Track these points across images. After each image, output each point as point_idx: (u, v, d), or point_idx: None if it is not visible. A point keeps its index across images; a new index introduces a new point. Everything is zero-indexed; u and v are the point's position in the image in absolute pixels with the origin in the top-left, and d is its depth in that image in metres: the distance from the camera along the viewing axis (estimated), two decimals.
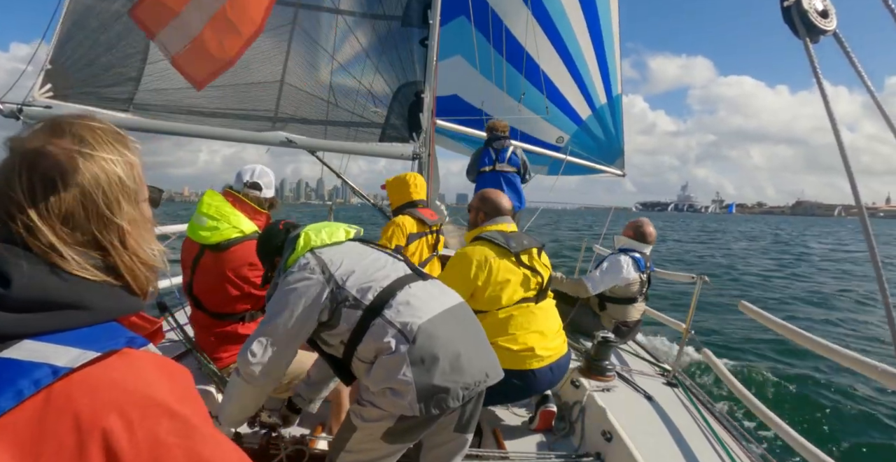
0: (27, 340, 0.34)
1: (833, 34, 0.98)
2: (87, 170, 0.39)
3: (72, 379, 0.33)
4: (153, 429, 0.33)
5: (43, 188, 0.37)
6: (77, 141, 0.39)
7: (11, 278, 0.35)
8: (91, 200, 0.39)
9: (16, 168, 0.37)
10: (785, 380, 3.70)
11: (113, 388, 0.34)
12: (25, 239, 0.37)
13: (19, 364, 0.33)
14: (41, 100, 2.13)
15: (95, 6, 2.19)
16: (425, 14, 2.53)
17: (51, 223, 0.37)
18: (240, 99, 2.41)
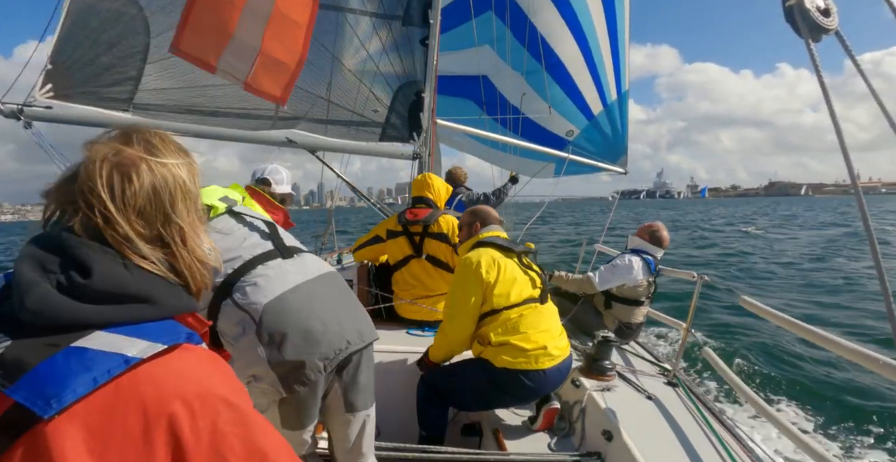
0: (99, 331, 0.37)
1: (835, 32, 0.97)
2: (157, 171, 0.43)
3: (140, 369, 0.36)
4: (213, 418, 0.36)
5: (120, 184, 0.41)
6: (147, 148, 0.44)
7: (93, 270, 0.38)
8: (158, 198, 0.43)
9: (96, 166, 0.41)
10: (786, 379, 3.69)
11: (177, 378, 0.37)
12: (103, 229, 0.40)
13: (94, 353, 0.36)
14: (42, 100, 2.13)
15: (95, 5, 2.18)
16: (426, 14, 2.53)
17: (126, 215, 0.41)
18: (240, 98, 2.41)
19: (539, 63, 3.87)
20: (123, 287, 0.39)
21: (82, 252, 0.39)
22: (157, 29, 2.27)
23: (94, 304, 0.38)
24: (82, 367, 0.35)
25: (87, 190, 0.41)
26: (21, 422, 0.33)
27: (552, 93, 3.97)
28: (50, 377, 0.34)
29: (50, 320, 0.36)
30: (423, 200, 2.08)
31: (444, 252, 2.05)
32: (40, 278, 0.37)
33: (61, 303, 0.37)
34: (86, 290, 0.37)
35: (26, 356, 0.35)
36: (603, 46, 4.05)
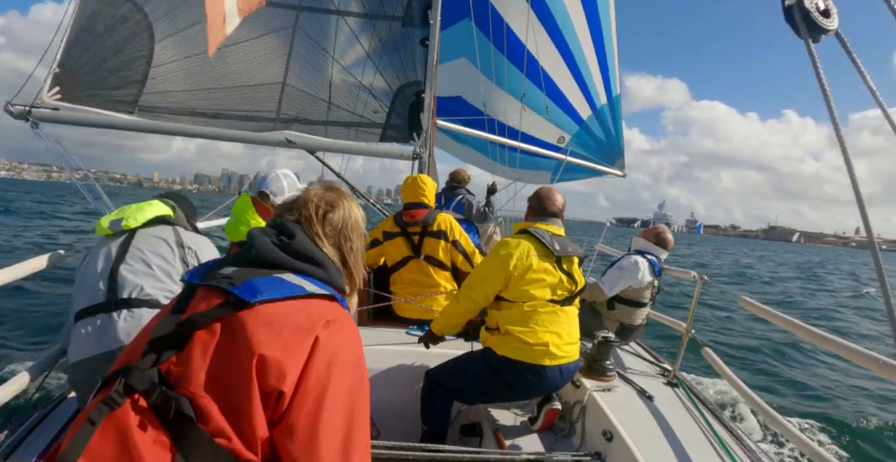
0: (290, 273, 0.62)
1: (835, 33, 0.97)
2: (346, 207, 0.72)
3: (310, 299, 0.60)
4: (337, 344, 0.58)
5: (324, 209, 0.70)
6: (340, 194, 0.73)
7: (296, 236, 0.65)
8: (344, 224, 0.71)
9: (312, 199, 0.71)
10: (786, 379, 3.67)
11: (327, 312, 0.60)
12: (304, 226, 0.68)
13: (286, 282, 0.60)
14: (49, 102, 2.17)
15: (102, 11, 2.22)
16: (426, 14, 2.54)
17: (321, 221, 0.69)
18: (242, 100, 2.44)
19: (524, 74, 3.84)
20: (310, 252, 0.64)
21: (291, 227, 0.66)
22: (161, 34, 2.30)
23: (291, 256, 0.63)
24: (277, 286, 0.58)
25: (304, 206, 0.70)
26: (235, 305, 0.57)
27: (541, 101, 3.95)
28: (258, 286, 0.58)
29: (264, 259, 0.62)
30: (419, 204, 2.08)
31: (442, 250, 2.06)
32: (262, 236, 0.65)
33: (273, 250, 0.63)
34: (288, 247, 0.63)
35: (246, 274, 0.60)
36: (587, 52, 4.03)
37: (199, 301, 0.58)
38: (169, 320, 0.57)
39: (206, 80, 2.37)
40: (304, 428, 0.52)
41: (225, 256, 0.67)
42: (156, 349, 0.54)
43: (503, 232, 3.78)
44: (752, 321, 5.33)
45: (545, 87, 3.96)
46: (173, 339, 0.54)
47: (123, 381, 0.51)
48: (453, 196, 3.24)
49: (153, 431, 0.49)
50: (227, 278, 0.59)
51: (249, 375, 0.51)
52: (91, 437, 0.48)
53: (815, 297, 10.00)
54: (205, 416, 0.50)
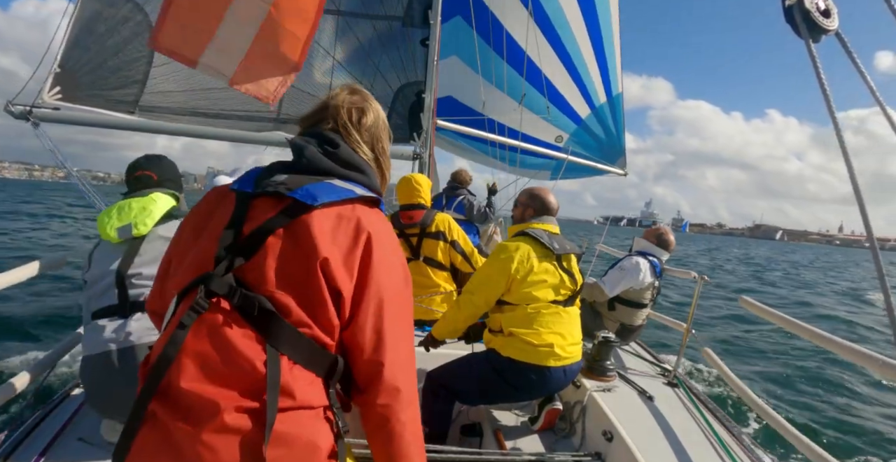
0: (337, 179, 0.65)
1: (835, 33, 0.97)
2: (374, 109, 0.74)
3: (357, 202, 0.64)
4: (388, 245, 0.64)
5: (357, 112, 0.72)
6: (364, 96, 0.75)
7: (339, 146, 0.68)
8: (374, 125, 0.73)
9: (343, 105, 0.72)
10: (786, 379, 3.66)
11: (375, 216, 0.65)
12: (343, 134, 0.70)
13: (336, 186, 0.64)
14: (50, 102, 2.17)
15: (103, 11, 2.23)
16: (426, 14, 2.54)
17: (357, 127, 0.71)
18: (242, 100, 2.44)
19: (519, 73, 3.82)
20: (353, 159, 0.68)
21: (333, 136, 0.68)
22: None
23: (337, 164, 0.66)
24: (331, 190, 0.63)
25: (337, 114, 0.71)
26: (296, 210, 0.60)
27: (535, 100, 3.92)
28: (314, 190, 0.62)
29: (314, 167, 0.65)
30: (416, 205, 2.07)
31: (441, 251, 2.05)
32: (309, 145, 0.66)
33: (322, 158, 0.66)
34: (333, 156, 0.67)
35: (300, 180, 0.63)
36: (584, 50, 4.00)
37: (261, 209, 0.61)
38: (234, 227, 0.60)
39: (206, 80, 2.37)
40: (372, 332, 0.60)
41: (269, 165, 0.67)
42: (228, 257, 0.58)
43: (503, 232, 3.78)
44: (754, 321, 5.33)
45: (541, 87, 3.95)
46: (244, 246, 0.58)
47: (205, 287, 0.56)
48: (454, 196, 3.24)
49: (241, 327, 0.55)
50: (283, 184, 0.62)
51: (317, 276, 0.57)
52: (185, 338, 0.54)
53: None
54: (285, 311, 0.57)
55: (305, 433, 0.54)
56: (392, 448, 0.59)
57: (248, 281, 0.57)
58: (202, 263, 0.59)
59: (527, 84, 3.89)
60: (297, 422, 0.54)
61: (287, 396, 0.53)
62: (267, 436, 0.50)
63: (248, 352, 0.53)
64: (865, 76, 0.94)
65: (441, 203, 3.17)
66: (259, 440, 0.50)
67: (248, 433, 0.51)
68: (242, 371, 0.52)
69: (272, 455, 0.51)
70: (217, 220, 0.62)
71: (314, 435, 0.55)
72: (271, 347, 0.54)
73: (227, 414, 0.50)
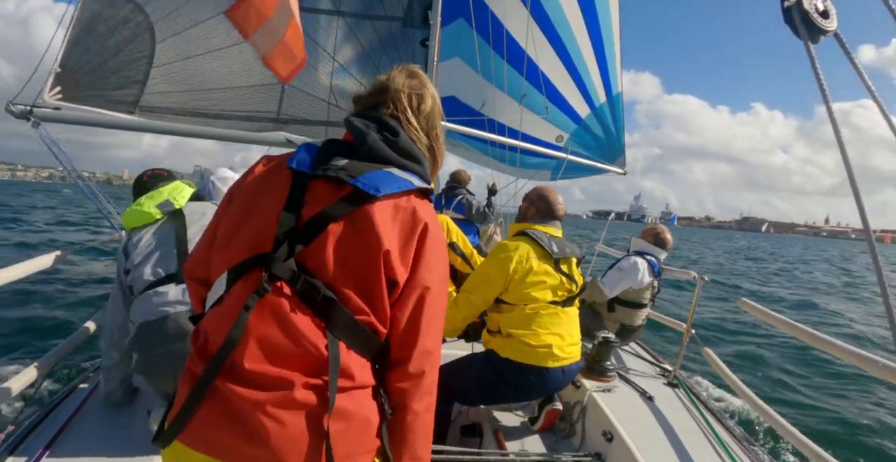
0: (395, 168, 0.65)
1: (834, 34, 0.97)
2: (431, 94, 0.72)
3: (414, 193, 0.64)
4: (438, 237, 0.65)
5: (417, 98, 0.70)
6: (423, 81, 0.72)
7: (400, 134, 0.66)
8: (431, 112, 0.71)
9: (403, 90, 0.70)
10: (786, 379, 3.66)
11: (428, 207, 0.66)
12: (402, 121, 0.68)
13: (396, 176, 0.63)
14: (50, 102, 2.17)
15: (104, 12, 2.23)
16: (426, 15, 2.54)
17: (416, 114, 0.69)
18: (242, 101, 2.44)
19: (520, 73, 3.83)
20: (411, 149, 0.67)
21: (394, 124, 0.67)
22: (162, 34, 2.31)
23: (396, 153, 0.65)
24: (391, 180, 0.62)
25: (397, 99, 0.68)
26: (359, 199, 0.60)
27: (536, 100, 3.93)
28: (375, 180, 0.61)
29: (375, 154, 0.64)
30: None
31: None
32: (370, 131, 0.65)
33: (384, 147, 0.65)
34: (393, 144, 0.65)
35: (362, 168, 0.62)
36: (584, 50, 4.01)
37: (320, 193, 0.61)
38: (293, 210, 0.59)
39: (206, 81, 2.38)
40: (412, 316, 0.61)
41: (324, 145, 0.66)
42: (289, 241, 0.58)
43: (503, 232, 3.78)
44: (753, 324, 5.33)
45: (541, 87, 3.96)
46: (304, 231, 0.58)
47: (268, 272, 0.57)
48: (453, 196, 3.25)
49: (303, 313, 0.57)
50: (344, 170, 0.61)
51: (378, 266, 0.58)
52: (248, 319, 0.55)
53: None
54: (344, 298, 0.58)
55: (362, 410, 0.58)
56: (399, 434, 0.60)
57: (309, 266, 0.58)
58: (259, 243, 0.59)
59: (528, 84, 3.90)
60: (355, 399, 0.57)
61: (346, 377, 0.56)
62: (330, 410, 0.54)
63: (312, 336, 0.56)
64: (864, 77, 0.94)
65: (440, 203, 3.18)
66: (321, 414, 0.54)
67: (312, 408, 0.54)
68: (307, 354, 0.55)
69: (334, 429, 0.54)
70: (271, 198, 0.61)
71: (369, 411, 0.58)
72: (330, 333, 0.56)
73: (297, 389, 0.53)
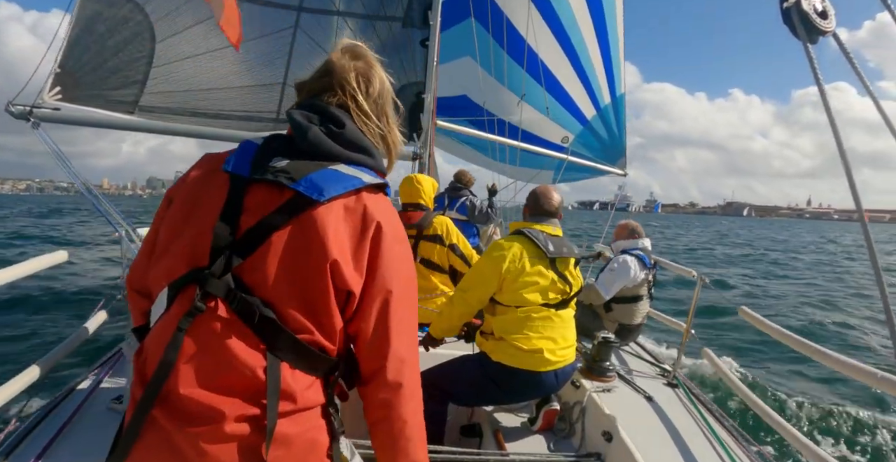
0: (342, 164, 0.59)
1: (832, 35, 0.98)
2: (378, 76, 0.65)
3: (364, 190, 0.59)
4: (396, 234, 0.60)
5: (364, 81, 0.63)
6: (369, 61, 0.65)
7: (346, 125, 0.60)
8: (380, 92, 0.65)
9: (350, 72, 0.63)
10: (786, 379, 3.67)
11: (382, 204, 0.60)
12: (350, 106, 0.62)
13: (343, 174, 0.58)
14: (50, 102, 2.17)
15: (103, 12, 2.23)
16: (426, 15, 2.55)
17: (365, 97, 0.63)
18: (243, 101, 2.44)
19: (529, 74, 3.84)
20: (360, 140, 0.61)
21: (339, 113, 0.60)
22: (162, 34, 2.31)
23: (342, 147, 0.59)
24: (338, 180, 0.57)
25: (345, 82, 0.62)
26: (301, 205, 0.55)
27: (543, 101, 3.94)
28: (319, 181, 0.56)
29: (318, 151, 0.58)
30: (415, 205, 2.06)
31: (438, 254, 2.04)
32: (311, 124, 0.59)
33: (327, 141, 0.59)
34: (339, 137, 0.59)
35: (303, 168, 0.56)
36: (592, 51, 4.03)
37: (260, 199, 0.55)
38: (230, 219, 0.54)
39: (206, 81, 2.37)
40: (377, 324, 0.57)
41: (265, 142, 0.59)
42: (226, 254, 0.53)
43: (503, 232, 3.78)
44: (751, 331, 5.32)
45: (550, 88, 3.96)
46: (243, 242, 0.54)
47: (202, 289, 0.53)
48: (457, 197, 3.24)
49: (240, 333, 0.52)
50: (285, 172, 0.55)
51: (325, 279, 0.54)
52: (182, 342, 0.52)
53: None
54: (285, 317, 0.54)
55: (306, 433, 0.54)
56: (391, 443, 0.59)
57: (248, 282, 0.53)
58: (195, 256, 0.55)
59: (536, 84, 3.91)
60: (297, 422, 0.54)
61: (287, 401, 0.53)
62: (268, 441, 0.50)
63: (248, 359, 0.52)
64: (863, 76, 0.95)
65: (443, 203, 3.17)
66: (259, 444, 0.50)
67: (248, 438, 0.50)
68: (243, 378, 0.51)
69: (273, 456, 0.51)
70: (209, 204, 0.56)
71: (315, 432, 0.55)
72: (271, 354, 0.52)
73: (227, 423, 0.50)
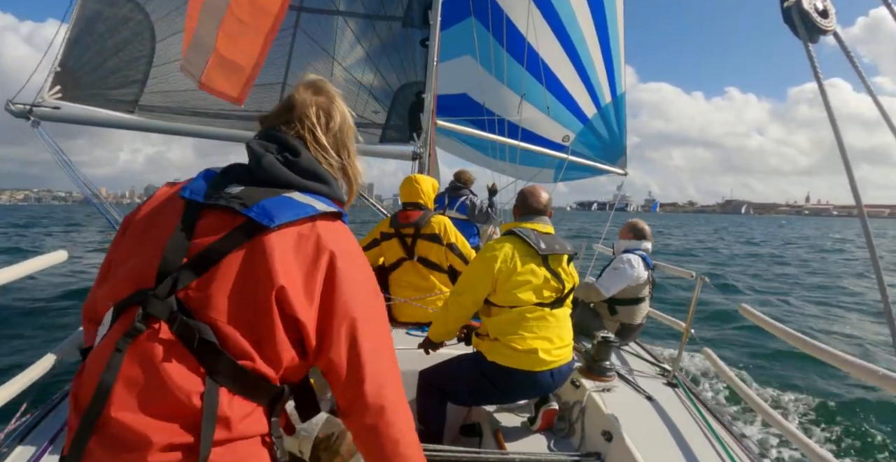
0: (297, 192, 0.60)
1: (833, 34, 0.98)
2: (340, 112, 0.67)
3: (318, 218, 0.59)
4: (353, 264, 0.59)
5: (324, 115, 0.66)
6: (331, 96, 0.68)
7: (301, 154, 0.62)
8: (341, 126, 0.67)
9: (310, 106, 0.65)
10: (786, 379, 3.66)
11: (337, 232, 0.60)
12: (307, 140, 0.64)
13: (296, 202, 0.59)
14: (50, 101, 2.17)
15: (103, 11, 2.23)
16: (426, 15, 2.55)
17: (324, 132, 0.65)
18: None
19: (529, 73, 3.84)
20: (315, 169, 0.62)
21: (295, 143, 0.62)
22: (162, 34, 2.31)
23: (297, 175, 0.61)
24: (290, 207, 0.57)
25: (304, 116, 0.64)
26: (251, 230, 0.55)
27: (544, 99, 3.94)
28: (271, 208, 0.56)
29: (272, 178, 0.59)
30: (414, 205, 2.07)
31: (436, 253, 2.04)
32: (266, 153, 0.60)
33: (282, 169, 0.60)
34: (294, 165, 0.61)
35: (256, 195, 0.57)
36: (593, 50, 4.03)
37: (212, 224, 0.56)
38: (180, 241, 0.55)
39: None
40: (349, 352, 0.57)
41: (223, 171, 0.61)
42: (173, 276, 0.53)
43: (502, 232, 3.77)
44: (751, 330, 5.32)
45: (551, 87, 3.95)
46: (191, 266, 0.54)
47: (143, 310, 0.53)
48: (457, 197, 3.24)
49: (180, 356, 0.51)
50: (237, 198, 0.56)
51: (270, 304, 0.53)
52: (121, 365, 0.51)
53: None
54: (227, 342, 0.53)
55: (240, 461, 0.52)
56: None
57: (193, 305, 0.53)
58: (142, 276, 0.55)
59: (537, 83, 3.90)
60: (233, 451, 0.52)
61: (224, 428, 0.51)
62: None
63: (185, 384, 0.50)
64: (863, 76, 0.95)
65: (443, 203, 3.17)
66: None
67: None
68: (178, 403, 0.50)
69: None
70: (161, 228, 0.57)
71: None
72: (210, 379, 0.51)
73: (152, 451, 0.48)
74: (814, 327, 5.56)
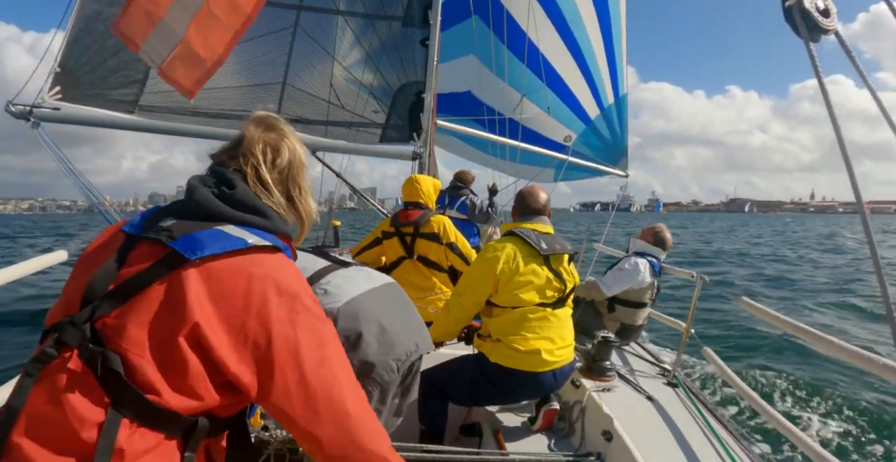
0: (231, 225, 0.59)
1: (834, 33, 0.97)
2: (289, 148, 0.67)
3: (251, 252, 0.57)
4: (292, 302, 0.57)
5: (272, 152, 0.65)
6: (282, 134, 0.67)
7: (237, 187, 0.61)
8: (290, 164, 0.67)
9: (257, 144, 0.65)
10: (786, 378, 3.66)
11: (273, 266, 0.58)
12: (248, 175, 0.63)
13: (227, 234, 0.57)
14: (50, 101, 2.17)
15: (103, 11, 2.23)
16: (426, 14, 2.54)
17: (269, 169, 0.65)
18: (242, 100, 2.44)
19: (533, 72, 3.84)
20: (252, 201, 0.61)
21: (232, 176, 0.62)
22: None
23: (232, 207, 0.60)
24: (218, 240, 0.56)
25: (249, 153, 0.64)
26: (173, 262, 0.54)
27: (546, 99, 3.94)
28: (199, 240, 0.55)
29: (204, 210, 0.59)
30: (415, 204, 2.08)
31: (435, 252, 2.05)
32: (202, 186, 0.61)
33: (214, 201, 0.60)
34: (229, 198, 0.60)
35: (186, 228, 0.57)
36: (597, 50, 4.03)
37: (140, 255, 0.57)
38: (110, 271, 0.55)
39: None
40: (301, 386, 0.55)
41: (167, 206, 0.62)
42: (94, 303, 0.54)
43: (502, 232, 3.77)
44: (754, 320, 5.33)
45: (555, 87, 3.94)
46: (113, 295, 0.54)
47: (57, 336, 0.52)
48: (457, 196, 3.24)
49: (86, 385, 0.50)
50: (167, 231, 0.57)
51: (181, 340, 0.52)
52: (31, 390, 0.51)
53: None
54: (135, 373, 0.51)
55: None
56: None
57: (107, 333, 0.52)
58: (70, 303, 0.56)
59: (540, 83, 3.90)
60: None
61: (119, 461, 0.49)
62: None
63: (86, 413, 0.49)
64: (864, 76, 0.94)
65: (443, 203, 3.18)
66: None
67: None
68: (74, 434, 0.48)
69: None
70: (99, 259, 0.58)
71: None
72: (113, 410, 0.50)
73: None
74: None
